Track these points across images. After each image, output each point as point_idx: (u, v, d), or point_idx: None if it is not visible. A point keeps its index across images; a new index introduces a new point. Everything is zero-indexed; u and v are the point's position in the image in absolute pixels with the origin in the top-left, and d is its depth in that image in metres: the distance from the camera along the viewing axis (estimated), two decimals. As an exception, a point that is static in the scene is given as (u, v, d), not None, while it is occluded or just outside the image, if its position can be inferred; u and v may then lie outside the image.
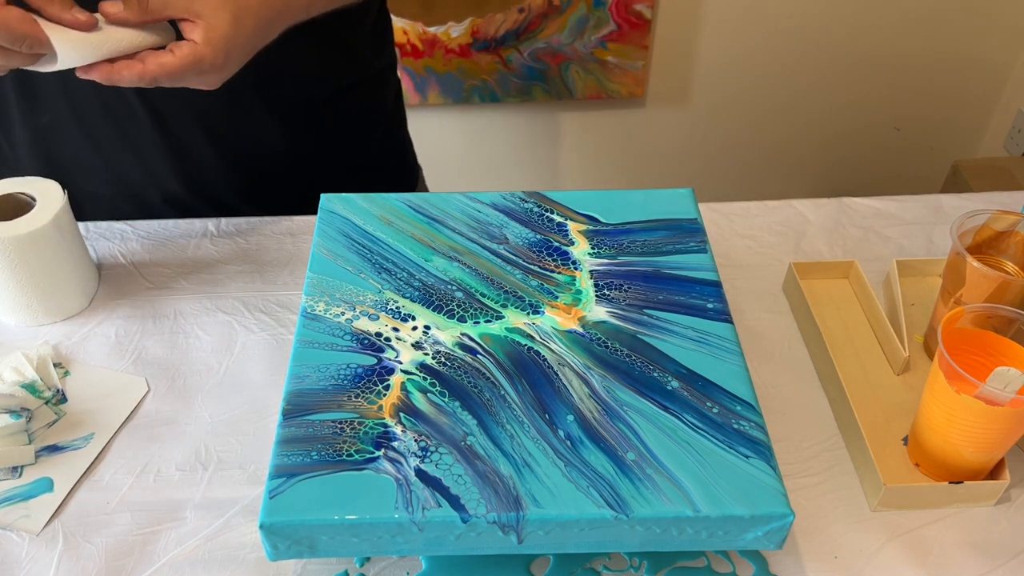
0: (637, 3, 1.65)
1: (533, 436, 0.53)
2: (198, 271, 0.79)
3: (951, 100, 1.89)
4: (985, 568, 0.57)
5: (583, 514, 0.49)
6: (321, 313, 0.61)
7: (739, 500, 0.50)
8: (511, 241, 0.67)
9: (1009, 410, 0.55)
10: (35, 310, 0.72)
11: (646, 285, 0.63)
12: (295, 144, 0.87)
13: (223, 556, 0.58)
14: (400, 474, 0.51)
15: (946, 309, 0.67)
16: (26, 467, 0.62)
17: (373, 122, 0.93)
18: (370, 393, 0.55)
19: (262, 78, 0.80)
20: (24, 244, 0.68)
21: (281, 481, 0.50)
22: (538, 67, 1.73)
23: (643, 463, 0.52)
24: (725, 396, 0.55)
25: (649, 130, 1.89)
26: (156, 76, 0.58)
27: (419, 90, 1.75)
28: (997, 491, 0.60)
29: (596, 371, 0.57)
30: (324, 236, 0.67)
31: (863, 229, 0.84)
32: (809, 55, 1.78)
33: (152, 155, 0.83)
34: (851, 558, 0.58)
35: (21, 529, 0.59)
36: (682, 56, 1.77)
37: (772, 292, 0.78)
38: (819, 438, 0.65)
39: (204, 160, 0.84)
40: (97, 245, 0.81)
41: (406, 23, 1.65)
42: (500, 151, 1.91)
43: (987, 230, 0.68)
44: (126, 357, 0.71)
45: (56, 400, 0.67)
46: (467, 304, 0.62)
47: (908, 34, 1.76)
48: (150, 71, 0.58)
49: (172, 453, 0.64)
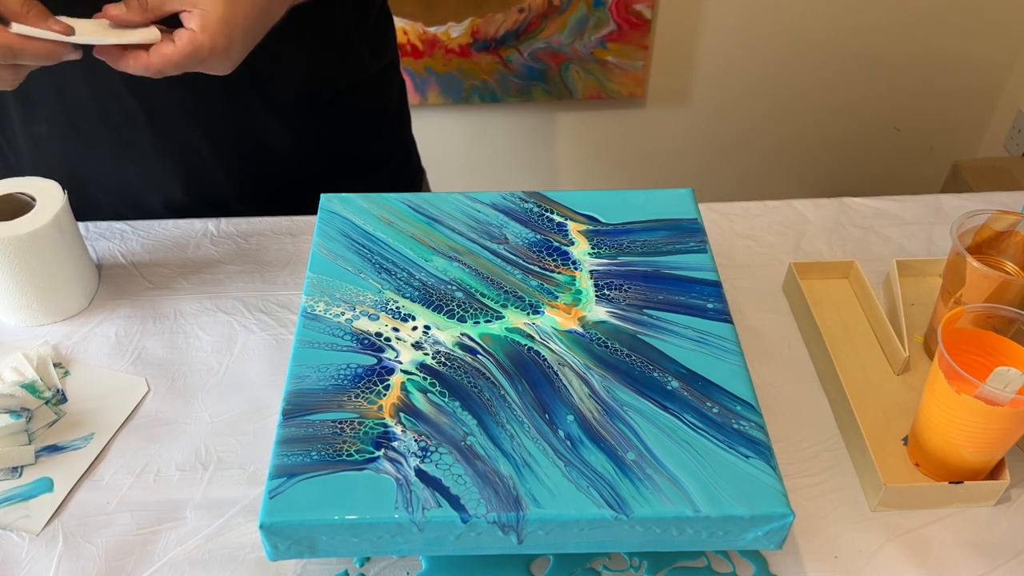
0: (637, 3, 1.65)
1: (533, 436, 0.53)
2: (198, 271, 0.79)
3: (951, 100, 1.89)
4: (985, 568, 0.57)
5: (583, 514, 0.49)
6: (321, 313, 0.61)
7: (739, 500, 0.50)
8: (511, 241, 0.67)
9: (1009, 410, 0.55)
10: (35, 310, 0.72)
11: (646, 285, 0.63)
12: (297, 145, 0.87)
13: (223, 556, 0.58)
14: (400, 474, 0.51)
15: (946, 309, 0.67)
16: (26, 467, 0.62)
17: (376, 121, 0.93)
18: (370, 393, 0.55)
19: (261, 77, 0.80)
20: (24, 244, 0.68)
21: (281, 481, 0.50)
22: (538, 67, 1.73)
23: (643, 463, 0.52)
24: (725, 396, 0.55)
25: (649, 130, 1.89)
26: (160, 66, 0.60)
27: (419, 90, 1.75)
28: (997, 491, 0.60)
29: (596, 371, 0.57)
30: (324, 236, 0.67)
31: (863, 229, 0.84)
32: (809, 55, 1.78)
33: (152, 159, 0.83)
34: (851, 558, 0.58)
35: (21, 529, 0.59)
36: (682, 56, 1.77)
37: (772, 292, 0.78)
38: (819, 438, 0.65)
39: (204, 162, 0.84)
40: (97, 245, 0.81)
41: (406, 23, 1.65)
42: (500, 151, 1.91)
43: (987, 230, 0.68)
44: (126, 357, 0.71)
45: (56, 400, 0.67)
46: (467, 304, 0.62)
47: (908, 34, 1.76)
48: (154, 63, 0.59)
49: (172, 453, 0.64)
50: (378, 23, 0.90)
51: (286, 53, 0.79)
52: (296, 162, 0.88)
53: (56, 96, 0.77)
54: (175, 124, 0.81)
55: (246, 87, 0.80)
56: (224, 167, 0.85)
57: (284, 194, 0.88)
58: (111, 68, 0.76)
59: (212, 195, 0.86)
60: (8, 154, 0.85)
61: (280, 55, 0.79)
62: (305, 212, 0.83)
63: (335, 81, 0.86)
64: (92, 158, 0.82)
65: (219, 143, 0.83)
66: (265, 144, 0.85)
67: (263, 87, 0.81)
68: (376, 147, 0.95)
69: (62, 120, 0.79)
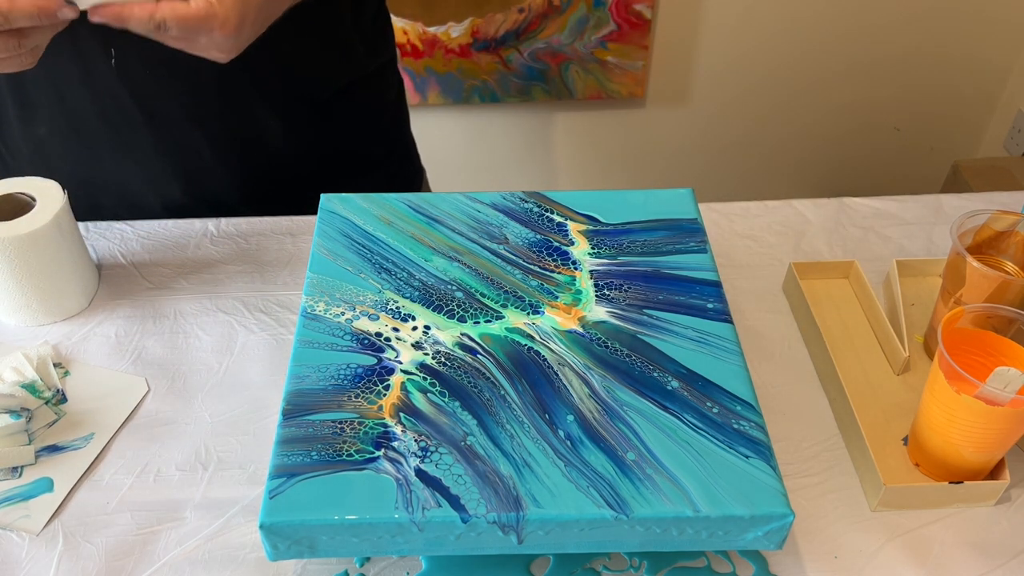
0: (637, 3, 1.65)
1: (533, 436, 0.53)
2: (198, 271, 0.79)
3: (951, 100, 1.89)
4: (985, 568, 0.57)
5: (583, 514, 0.49)
6: (321, 313, 0.61)
7: (739, 500, 0.50)
8: (511, 241, 0.67)
9: (1009, 410, 0.55)
10: (35, 310, 0.72)
11: (646, 285, 0.63)
12: (296, 144, 0.87)
13: (223, 556, 0.58)
14: (400, 474, 0.51)
15: (946, 309, 0.67)
16: (26, 467, 0.62)
17: (375, 120, 0.93)
18: (370, 393, 0.55)
19: (260, 76, 0.80)
20: (24, 244, 0.68)
21: (281, 481, 0.50)
22: (538, 67, 1.73)
23: (643, 463, 0.51)
24: (725, 396, 0.55)
25: (649, 130, 1.89)
26: (167, 21, 0.56)
27: (419, 90, 1.75)
28: (997, 491, 0.60)
29: (596, 371, 0.57)
30: (324, 236, 0.67)
31: (863, 229, 0.84)
32: (809, 55, 1.78)
33: (151, 160, 0.83)
34: (851, 558, 0.58)
35: (21, 529, 0.59)
36: (682, 56, 1.77)
37: (772, 292, 0.78)
38: (819, 438, 0.65)
39: (204, 162, 0.84)
40: (97, 245, 0.81)
41: (406, 23, 1.65)
42: (500, 151, 1.91)
43: (987, 230, 0.68)
44: (126, 357, 0.71)
45: (56, 400, 0.67)
46: (467, 304, 0.62)
47: (908, 34, 1.76)
48: (162, 14, 0.56)
49: (172, 453, 0.64)
50: (376, 21, 0.90)
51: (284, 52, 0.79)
52: (295, 161, 0.88)
53: (55, 97, 0.77)
54: (174, 124, 0.81)
55: (244, 86, 0.80)
56: (223, 167, 0.85)
57: (283, 193, 0.88)
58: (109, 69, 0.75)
59: (211, 195, 0.86)
60: (6, 157, 0.85)
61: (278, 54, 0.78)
62: (305, 212, 0.83)
63: (334, 80, 0.86)
64: (91, 159, 0.82)
65: (218, 143, 0.83)
66: (264, 143, 0.85)
67: (262, 86, 0.81)
68: (375, 146, 0.95)
69: (61, 122, 0.79)
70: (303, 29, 0.79)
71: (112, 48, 0.74)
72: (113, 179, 0.84)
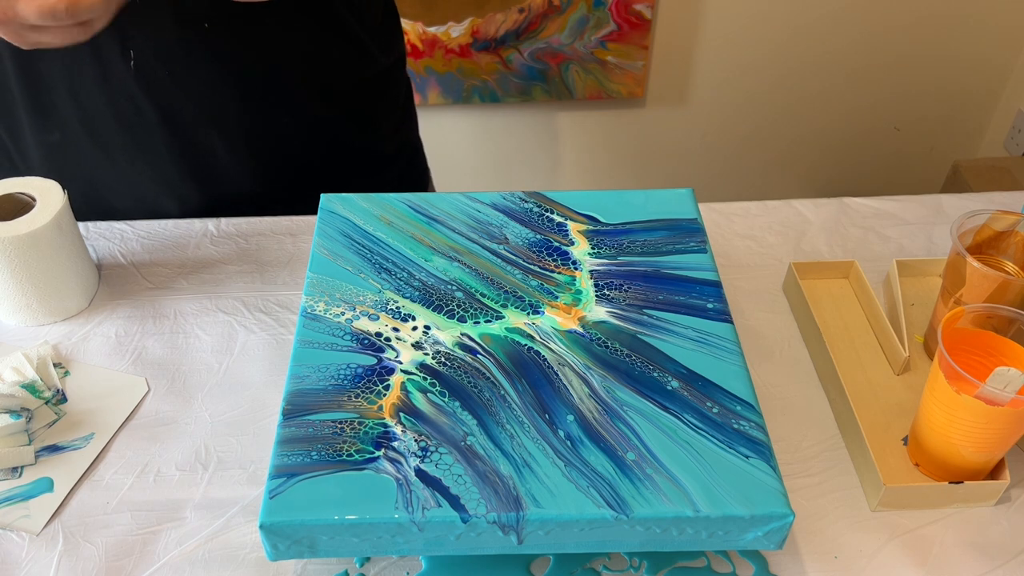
0: (637, 3, 1.65)
1: (533, 436, 0.53)
2: (198, 271, 0.79)
3: (951, 100, 1.89)
4: (985, 568, 0.57)
5: (583, 514, 0.49)
6: (321, 313, 0.61)
7: (739, 500, 0.50)
8: (511, 241, 0.67)
9: (1009, 410, 0.55)
10: (35, 310, 0.72)
11: (646, 285, 0.63)
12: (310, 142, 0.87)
13: (223, 556, 0.58)
14: (400, 474, 0.51)
15: (946, 309, 0.67)
16: (26, 467, 0.62)
17: (387, 117, 0.93)
18: (370, 393, 0.55)
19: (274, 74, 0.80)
20: (24, 244, 0.68)
21: (281, 481, 0.50)
22: (538, 67, 1.74)
23: (643, 463, 0.52)
24: (725, 396, 0.55)
25: (649, 130, 1.89)
26: None
27: (419, 90, 1.75)
28: (997, 491, 0.60)
29: (596, 371, 0.57)
30: (324, 236, 0.67)
31: (863, 229, 0.84)
32: (809, 55, 1.78)
33: (166, 161, 0.82)
34: (851, 558, 0.58)
35: (21, 529, 0.59)
36: (682, 56, 1.77)
37: (772, 292, 0.78)
38: (819, 438, 0.65)
39: (218, 161, 0.84)
40: (97, 245, 0.81)
41: (406, 23, 1.65)
42: (500, 151, 1.91)
43: (987, 230, 0.68)
44: (126, 357, 0.71)
45: (56, 400, 0.67)
46: (467, 304, 0.62)
47: (908, 35, 1.76)
48: None
49: (172, 453, 0.64)
50: (385, 20, 0.90)
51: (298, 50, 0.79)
52: (309, 161, 0.88)
53: (71, 101, 0.77)
54: (189, 125, 0.80)
55: (258, 85, 0.80)
56: (238, 167, 0.85)
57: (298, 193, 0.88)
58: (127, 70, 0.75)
59: (227, 195, 0.86)
60: (18, 163, 0.85)
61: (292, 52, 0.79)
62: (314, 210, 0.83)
63: (346, 77, 0.86)
64: (106, 163, 0.82)
65: (233, 143, 0.83)
66: (279, 143, 0.85)
67: (276, 84, 0.81)
68: (387, 144, 0.95)
69: (75, 125, 0.79)
70: (313, 26, 0.79)
71: (131, 50, 0.74)
72: (126, 182, 0.84)
